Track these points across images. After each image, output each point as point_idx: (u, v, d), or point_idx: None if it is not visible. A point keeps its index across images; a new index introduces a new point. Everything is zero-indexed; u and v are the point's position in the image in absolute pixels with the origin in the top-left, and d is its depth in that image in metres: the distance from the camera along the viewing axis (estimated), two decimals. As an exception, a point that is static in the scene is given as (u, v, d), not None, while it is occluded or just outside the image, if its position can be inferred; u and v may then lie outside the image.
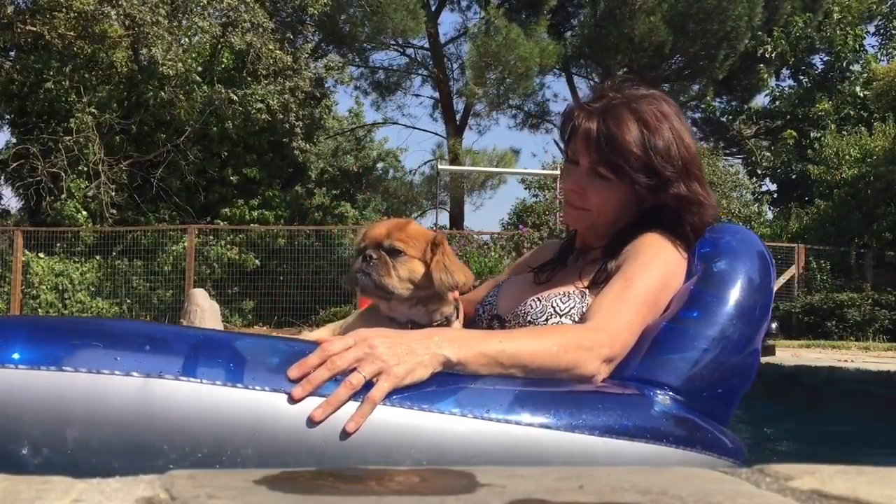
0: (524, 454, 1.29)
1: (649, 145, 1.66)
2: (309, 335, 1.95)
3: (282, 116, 16.03)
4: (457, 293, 1.78)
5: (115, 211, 15.53)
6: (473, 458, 1.26)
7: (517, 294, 1.84)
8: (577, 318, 1.67)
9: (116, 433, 1.23)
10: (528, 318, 1.70)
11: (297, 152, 17.12)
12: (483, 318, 1.87)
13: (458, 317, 1.79)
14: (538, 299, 1.73)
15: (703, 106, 21.93)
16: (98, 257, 14.59)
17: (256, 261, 14.97)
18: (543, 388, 1.39)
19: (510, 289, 1.91)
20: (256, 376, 1.27)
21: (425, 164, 27.91)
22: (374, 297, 1.68)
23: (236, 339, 1.39)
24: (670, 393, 1.47)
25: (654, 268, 1.63)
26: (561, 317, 1.68)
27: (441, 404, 1.29)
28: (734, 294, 1.60)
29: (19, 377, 1.26)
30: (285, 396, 1.24)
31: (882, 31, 21.61)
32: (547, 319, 1.68)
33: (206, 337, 1.38)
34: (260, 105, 15.49)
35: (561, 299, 1.70)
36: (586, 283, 1.72)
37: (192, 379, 1.26)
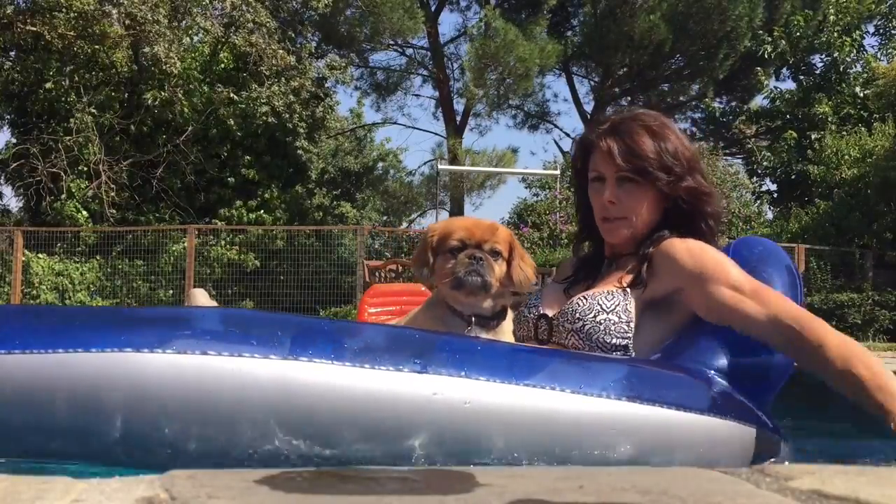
0: (615, 422, 1.49)
1: (660, 148, 1.91)
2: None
3: (286, 117, 16.01)
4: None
5: (115, 211, 15.51)
6: (573, 426, 1.46)
7: (560, 299, 2.04)
8: (622, 315, 1.86)
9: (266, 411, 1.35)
10: (577, 314, 1.88)
11: (300, 152, 17.10)
12: (529, 317, 2.03)
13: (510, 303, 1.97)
14: (584, 298, 1.91)
15: (703, 106, 21.92)
16: (98, 257, 14.58)
17: (256, 261, 14.96)
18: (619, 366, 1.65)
19: (553, 292, 2.09)
20: (383, 357, 1.42)
21: (425, 164, 27.94)
22: (472, 294, 1.80)
23: (361, 326, 1.67)
24: (723, 379, 1.71)
25: (724, 261, 1.83)
26: (608, 313, 1.86)
27: (553, 383, 1.48)
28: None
29: (165, 362, 1.35)
30: (411, 375, 1.41)
31: (882, 31, 21.59)
32: (595, 316, 1.86)
33: (328, 323, 1.60)
34: (265, 108, 15.47)
35: (606, 297, 1.89)
36: (625, 284, 1.92)
37: (325, 360, 1.39)
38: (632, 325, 1.85)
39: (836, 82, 19.13)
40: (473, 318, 1.81)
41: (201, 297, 2.65)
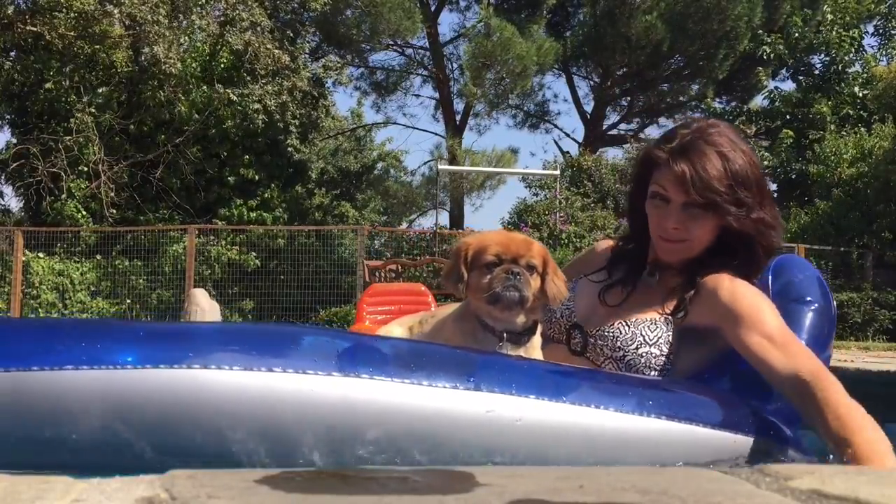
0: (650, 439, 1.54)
1: (730, 175, 1.82)
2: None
3: (278, 117, 15.99)
4: None
5: (115, 211, 15.51)
6: (615, 442, 1.51)
7: (594, 304, 1.99)
8: (663, 347, 1.85)
9: (322, 425, 1.37)
10: (619, 343, 1.86)
11: (291, 150, 17.10)
12: (562, 321, 1.99)
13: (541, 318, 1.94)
14: (626, 324, 1.88)
15: (702, 106, 21.93)
16: (98, 257, 14.58)
17: (256, 261, 14.96)
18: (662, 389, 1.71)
19: (587, 293, 2.03)
20: (438, 375, 1.45)
21: (425, 164, 27.94)
22: (508, 309, 1.79)
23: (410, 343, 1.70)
24: (757, 402, 1.75)
25: (762, 308, 1.80)
26: (650, 346, 1.84)
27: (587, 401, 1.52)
28: (809, 325, 1.94)
29: (233, 378, 1.36)
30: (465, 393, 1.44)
31: (881, 31, 21.59)
32: (637, 348, 1.85)
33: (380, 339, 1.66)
34: (257, 106, 15.47)
35: (648, 327, 1.87)
36: (668, 311, 1.89)
37: (384, 378, 1.41)
38: (672, 357, 1.85)
39: (835, 82, 19.13)
40: (505, 335, 1.80)
41: (201, 298, 2.65)
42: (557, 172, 16.31)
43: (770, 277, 2.05)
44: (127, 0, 13.63)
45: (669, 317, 1.88)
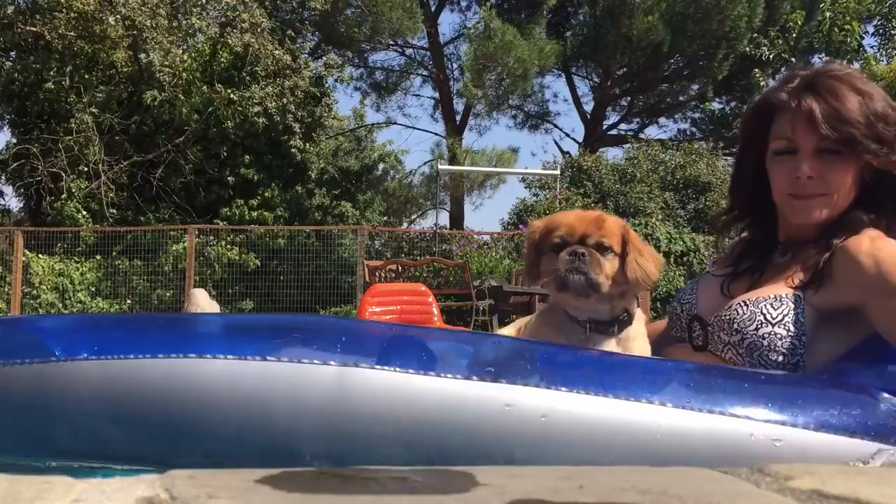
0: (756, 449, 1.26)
1: (869, 110, 1.56)
2: (499, 331, 1.97)
3: (278, 118, 16.00)
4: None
5: (115, 211, 15.52)
6: (701, 451, 1.24)
7: (716, 296, 1.72)
8: (791, 328, 1.53)
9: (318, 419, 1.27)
10: (735, 325, 1.57)
11: (294, 151, 17.12)
12: (682, 317, 1.77)
13: (638, 306, 1.71)
14: (745, 303, 1.59)
15: (702, 106, 21.94)
16: (98, 257, 14.59)
17: (256, 261, 14.97)
18: (769, 385, 1.39)
19: (710, 286, 1.78)
20: (449, 365, 1.29)
21: (425, 164, 27.96)
22: (580, 295, 1.61)
23: (427, 331, 1.54)
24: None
25: None
26: (773, 325, 1.53)
27: (668, 398, 1.28)
28: None
29: (226, 367, 1.29)
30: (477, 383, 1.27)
31: (881, 31, 21.60)
32: (757, 328, 1.54)
33: (399, 329, 1.52)
34: (258, 108, 15.47)
35: (772, 304, 1.56)
36: (797, 283, 1.58)
37: (386, 368, 1.28)
38: (804, 338, 1.52)
39: (836, 82, 19.13)
40: (588, 325, 1.62)
41: (201, 298, 2.65)
42: (557, 172, 16.30)
43: None
44: (124, 7, 13.64)
45: (799, 293, 1.55)
